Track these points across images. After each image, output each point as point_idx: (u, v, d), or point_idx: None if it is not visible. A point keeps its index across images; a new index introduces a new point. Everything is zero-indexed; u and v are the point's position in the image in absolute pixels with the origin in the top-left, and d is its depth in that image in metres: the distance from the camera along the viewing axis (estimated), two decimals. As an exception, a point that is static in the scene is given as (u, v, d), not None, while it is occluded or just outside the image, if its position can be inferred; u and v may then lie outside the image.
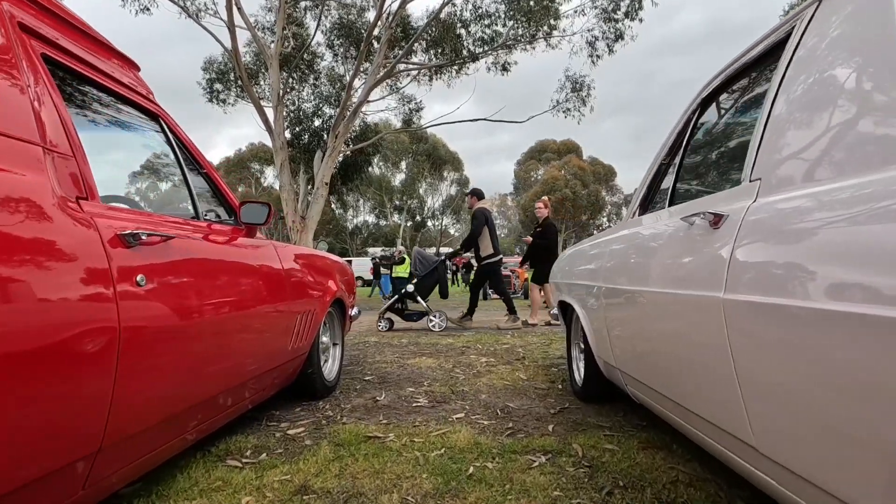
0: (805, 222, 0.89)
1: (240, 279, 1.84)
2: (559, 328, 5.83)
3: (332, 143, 15.65)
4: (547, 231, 6.68)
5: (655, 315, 1.56)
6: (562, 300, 3.01)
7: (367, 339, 5.22)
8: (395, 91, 20.50)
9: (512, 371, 3.48)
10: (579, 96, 17.35)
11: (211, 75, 20.04)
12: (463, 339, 5.08)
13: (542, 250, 6.62)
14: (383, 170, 57.10)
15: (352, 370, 3.61)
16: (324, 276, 2.83)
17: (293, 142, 18.12)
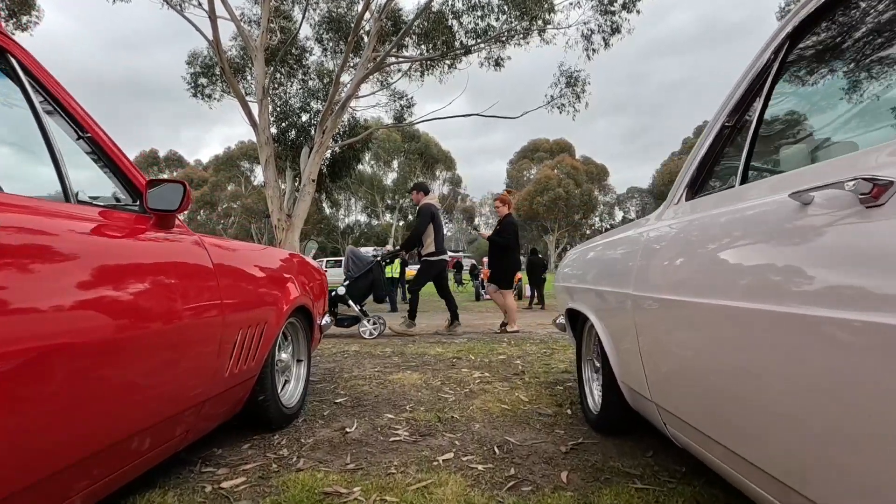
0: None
1: (143, 284, 1.31)
2: (539, 334, 5.32)
3: (319, 138, 15.07)
4: (505, 229, 6.14)
5: (731, 341, 1.06)
6: (571, 308, 2.51)
7: (346, 348, 4.68)
8: (386, 87, 19.95)
9: (510, 390, 2.97)
10: (574, 91, 16.89)
11: (195, 69, 19.38)
12: (454, 348, 4.56)
13: (499, 250, 6.13)
14: (375, 168, 56.57)
15: (322, 389, 3.08)
16: (279, 278, 2.30)
17: (279, 137, 17.51)
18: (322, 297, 2.98)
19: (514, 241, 6.11)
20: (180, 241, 1.57)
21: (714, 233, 1.21)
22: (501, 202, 6.33)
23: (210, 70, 18.98)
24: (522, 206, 55.86)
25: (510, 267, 6.15)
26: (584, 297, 2.27)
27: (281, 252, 2.56)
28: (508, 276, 6.16)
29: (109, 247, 1.24)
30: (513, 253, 6.15)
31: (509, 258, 6.12)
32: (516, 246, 6.20)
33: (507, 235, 6.07)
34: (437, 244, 5.77)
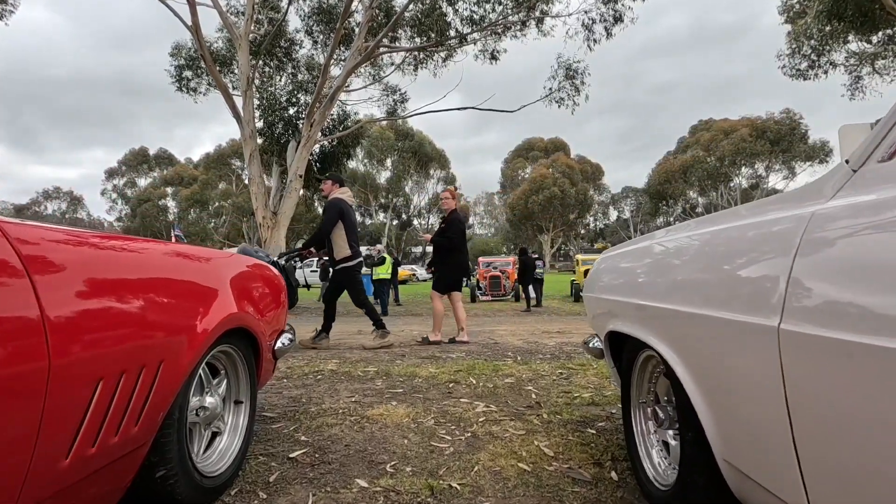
0: None
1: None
2: (548, 346, 4.58)
3: (306, 132, 14.28)
4: (450, 227, 5.34)
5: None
6: (617, 331, 1.78)
7: (322, 366, 3.94)
8: (378, 81, 19.21)
9: (527, 435, 2.24)
10: (573, 84, 16.21)
11: (179, 61, 18.57)
12: (450, 366, 3.83)
13: (443, 251, 5.37)
14: (368, 167, 55.80)
15: (277, 433, 2.34)
16: (194, 290, 1.56)
17: (265, 131, 16.70)
18: (278, 313, 2.24)
19: (459, 240, 5.33)
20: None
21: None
22: (451, 195, 5.54)
23: (195, 62, 18.16)
24: (518, 205, 55.25)
25: (455, 270, 5.40)
26: (644, 320, 1.55)
27: (207, 252, 1.81)
28: (453, 279, 5.42)
29: None
30: (458, 254, 5.35)
31: (454, 260, 5.35)
32: (462, 246, 5.42)
33: (451, 235, 5.28)
34: (351, 246, 4.95)
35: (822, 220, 0.88)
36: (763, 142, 42.83)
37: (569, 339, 5.65)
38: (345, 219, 4.92)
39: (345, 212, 4.94)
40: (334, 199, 4.98)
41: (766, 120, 44.48)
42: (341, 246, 4.91)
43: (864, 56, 20.42)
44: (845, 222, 0.83)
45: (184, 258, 1.65)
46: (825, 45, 19.83)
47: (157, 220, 62.34)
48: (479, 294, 15.74)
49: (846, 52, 20.86)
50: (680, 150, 52.33)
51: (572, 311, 12.02)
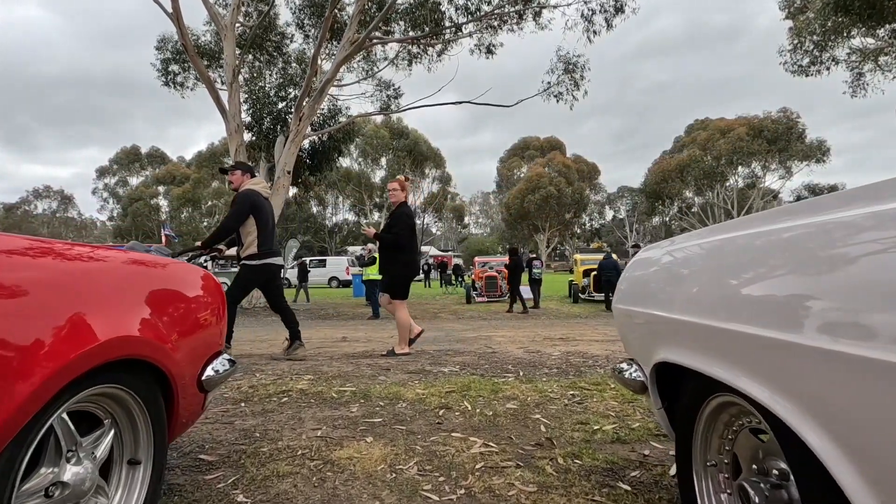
0: None
1: None
2: (552, 356, 4.03)
3: (295, 125, 13.68)
4: (396, 222, 4.69)
5: None
6: (670, 361, 1.24)
7: (292, 384, 3.37)
8: (372, 76, 18.64)
9: (540, 494, 1.68)
10: (572, 78, 15.69)
11: (165, 55, 17.93)
12: (441, 385, 3.27)
13: (390, 249, 4.70)
14: (363, 166, 55.17)
15: (208, 491, 1.76)
16: (39, 302, 1.00)
17: (253, 126, 16.09)
18: (209, 331, 1.68)
19: (407, 236, 4.67)
20: None
21: None
22: (400, 186, 4.85)
23: (181, 56, 17.53)
24: (514, 204, 54.74)
25: (404, 270, 4.73)
26: (727, 351, 1.00)
27: (88, 250, 1.25)
28: (402, 281, 4.77)
29: None
30: (406, 252, 4.69)
31: (402, 259, 4.69)
32: (411, 243, 4.75)
33: (398, 230, 4.64)
34: (263, 243, 4.33)
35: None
36: (760, 141, 42.51)
37: (574, 347, 5.11)
38: (257, 213, 4.28)
39: (257, 206, 4.30)
40: (245, 192, 4.33)
41: (763, 119, 44.17)
42: (249, 242, 4.28)
43: (866, 52, 20.03)
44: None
45: (34, 257, 1.08)
46: (828, 40, 19.41)
47: (150, 220, 61.46)
48: (475, 295, 15.19)
49: (849, 49, 20.47)
50: (676, 150, 51.96)
51: (572, 313, 11.49)
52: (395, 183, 4.88)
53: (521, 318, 10.00)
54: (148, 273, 1.45)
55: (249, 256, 4.29)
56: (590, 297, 14.51)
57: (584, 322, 8.91)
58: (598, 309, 12.30)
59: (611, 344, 5.34)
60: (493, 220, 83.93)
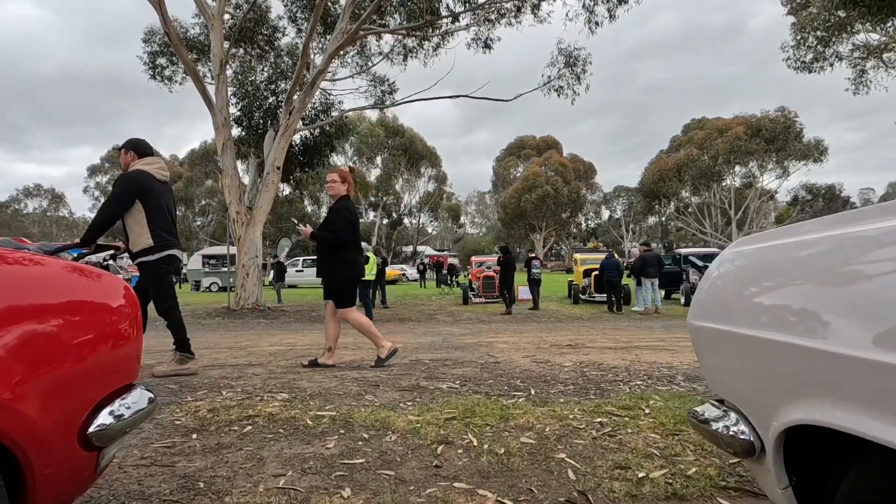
0: None
1: None
2: (564, 368, 3.50)
3: (285, 119, 13.11)
4: (334, 217, 4.09)
5: None
6: (823, 425, 0.73)
7: (262, 405, 2.84)
8: (366, 71, 18.10)
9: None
10: (573, 72, 15.19)
11: (153, 47, 17.32)
12: (439, 407, 2.74)
13: (329, 250, 4.08)
14: (357, 164, 54.55)
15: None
16: None
17: (242, 120, 15.50)
18: (100, 363, 1.15)
19: (348, 233, 4.04)
20: None
21: None
22: (340, 178, 4.23)
23: (169, 48, 16.91)
24: (510, 203, 54.27)
25: (347, 272, 4.08)
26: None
27: None
28: (347, 284, 4.13)
29: None
30: (349, 251, 4.07)
31: (344, 259, 4.06)
32: (354, 241, 4.13)
33: (337, 227, 4.03)
34: (156, 234, 3.64)
35: None
36: (758, 140, 42.22)
37: (586, 356, 4.59)
38: (146, 198, 3.58)
39: (145, 189, 3.59)
40: (130, 173, 3.67)
41: (761, 118, 43.89)
42: (138, 233, 3.60)
43: (871, 49, 19.64)
44: None
45: None
46: (832, 35, 19.01)
47: (141, 219, 60.50)
48: (472, 296, 14.67)
49: (852, 46, 20.10)
50: (673, 149, 51.62)
51: (573, 314, 10.99)
52: (334, 174, 4.25)
53: (522, 322, 9.48)
54: (16, 282, 0.92)
55: (144, 251, 3.61)
56: (591, 298, 14.03)
57: (590, 325, 8.40)
58: (600, 310, 11.82)
59: (625, 352, 4.83)
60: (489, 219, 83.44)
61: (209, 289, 25.25)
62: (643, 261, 11.62)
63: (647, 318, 9.96)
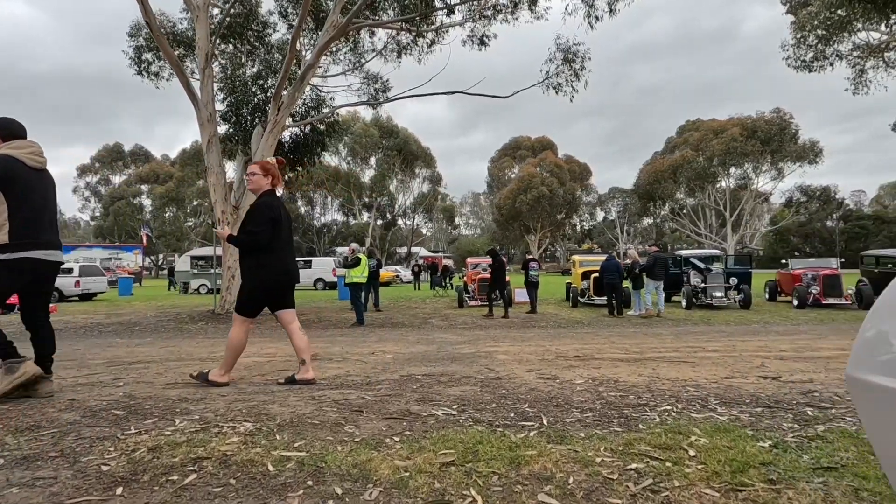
0: None
1: None
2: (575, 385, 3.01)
3: (273, 115, 12.57)
4: (250, 217, 3.54)
5: None
6: None
7: (215, 440, 2.34)
8: (358, 68, 17.61)
9: None
10: (572, 68, 14.75)
11: (138, 42, 16.73)
12: (434, 444, 2.24)
13: (247, 254, 3.55)
14: (352, 165, 53.97)
15: None
16: None
17: (229, 116, 14.94)
18: None
19: (267, 234, 3.44)
20: None
21: None
22: (262, 170, 3.63)
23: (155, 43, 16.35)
24: (505, 204, 53.84)
25: (264, 277, 3.52)
26: None
27: None
28: (257, 290, 3.54)
29: None
30: (270, 255, 3.48)
31: (259, 264, 3.49)
32: (277, 243, 3.52)
33: (254, 227, 3.47)
34: (16, 231, 3.01)
35: None
36: (754, 141, 42.06)
37: (597, 370, 4.12)
38: (9, 187, 3.00)
39: (8, 177, 3.02)
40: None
41: (757, 119, 43.75)
42: (1, 227, 3.00)
43: (872, 48, 19.35)
44: None
45: None
46: (833, 33, 18.70)
47: (132, 219, 59.62)
48: (468, 299, 14.18)
49: (852, 45, 19.82)
50: (668, 150, 51.46)
51: (573, 319, 10.54)
52: (255, 166, 3.66)
53: (521, 328, 9.00)
54: None
55: (3, 247, 2.98)
56: (590, 300, 13.59)
57: (594, 332, 7.94)
58: (600, 314, 11.37)
59: (640, 365, 4.36)
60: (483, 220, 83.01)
61: (198, 291, 24.60)
62: (655, 261, 11.19)
63: (653, 324, 9.51)
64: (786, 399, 2.92)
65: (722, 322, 9.57)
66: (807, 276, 13.20)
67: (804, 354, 4.87)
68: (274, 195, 3.66)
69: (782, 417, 2.52)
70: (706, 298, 12.59)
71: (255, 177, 3.64)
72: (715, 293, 12.61)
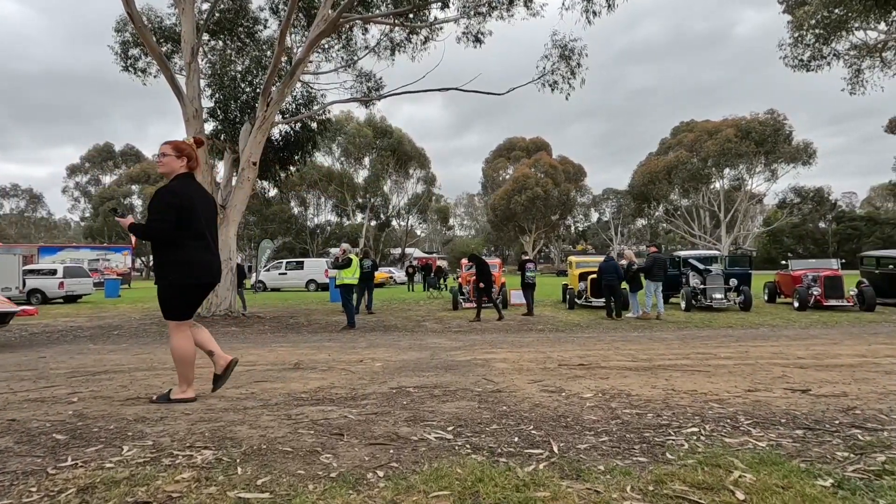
0: None
1: None
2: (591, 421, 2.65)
3: (262, 111, 12.15)
4: (153, 205, 3.06)
5: None
6: None
7: (161, 481, 1.96)
8: (351, 65, 17.21)
9: None
10: (568, 65, 14.44)
11: (125, 37, 16.25)
12: (421, 489, 1.90)
13: (156, 248, 3.10)
14: (345, 165, 53.48)
15: None
16: None
17: (217, 113, 14.50)
18: None
19: (167, 224, 2.99)
20: None
21: None
22: (175, 150, 3.16)
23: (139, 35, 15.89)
24: (500, 205, 53.52)
25: (178, 275, 3.06)
26: None
27: None
28: (175, 291, 3.08)
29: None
30: (182, 250, 3.04)
31: (173, 260, 3.05)
32: (192, 237, 3.06)
33: (156, 216, 3.00)
34: None
35: None
36: (748, 142, 41.99)
37: (606, 381, 3.76)
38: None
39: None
40: None
41: (751, 120, 43.70)
42: None
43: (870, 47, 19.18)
44: None
45: None
46: (831, 32, 18.51)
47: (122, 220, 58.71)
48: (463, 300, 13.82)
49: (849, 44, 19.65)
50: (662, 151, 51.34)
51: (571, 321, 10.19)
52: (165, 146, 3.17)
53: (519, 332, 8.65)
54: None
55: None
56: (587, 302, 13.26)
57: (595, 337, 7.59)
58: (599, 316, 11.04)
59: (651, 375, 4.01)
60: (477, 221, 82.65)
61: (187, 292, 24.04)
62: (654, 261, 10.87)
63: (656, 328, 9.18)
64: (826, 418, 2.58)
65: (724, 325, 9.26)
66: (807, 277, 12.95)
67: (824, 362, 4.54)
68: (187, 179, 3.18)
69: (831, 443, 2.17)
70: (706, 300, 12.30)
71: (166, 158, 3.15)
72: (715, 295, 12.32)
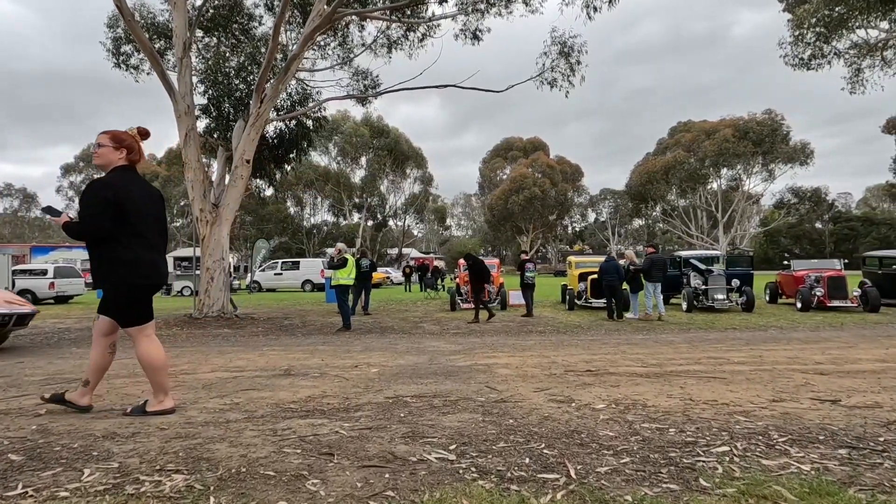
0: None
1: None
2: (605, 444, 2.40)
3: (255, 108, 11.86)
4: (83, 199, 2.82)
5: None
6: None
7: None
8: (347, 62, 16.95)
9: None
10: (568, 62, 14.21)
11: (117, 33, 15.94)
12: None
13: (91, 247, 2.84)
14: (342, 165, 53.15)
15: None
16: None
17: (210, 110, 14.21)
18: None
19: (101, 220, 2.74)
20: None
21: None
22: (114, 141, 2.88)
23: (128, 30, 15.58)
24: (497, 205, 53.33)
25: (122, 278, 2.81)
26: None
27: None
28: (124, 294, 2.82)
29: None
30: (124, 249, 2.79)
31: (115, 259, 2.80)
32: (131, 235, 2.81)
33: (88, 212, 2.76)
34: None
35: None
36: (746, 142, 41.91)
37: (617, 390, 3.52)
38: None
39: None
40: None
41: (748, 120, 43.63)
42: None
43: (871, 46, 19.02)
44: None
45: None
46: (831, 30, 18.34)
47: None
48: (461, 301, 13.56)
49: (850, 42, 19.50)
50: (659, 152, 51.23)
51: (571, 323, 9.96)
52: (103, 136, 2.89)
53: (519, 334, 8.40)
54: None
55: None
56: (587, 303, 13.03)
57: (599, 339, 7.35)
58: (599, 317, 10.81)
59: (664, 382, 3.77)
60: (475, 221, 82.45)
61: (181, 293, 23.72)
62: (652, 262, 10.64)
63: (661, 329, 8.95)
64: (867, 435, 2.34)
65: (728, 326, 9.04)
66: (810, 277, 12.76)
67: (845, 368, 4.31)
68: (126, 172, 2.90)
69: (883, 467, 1.93)
70: (707, 301, 12.10)
71: (103, 149, 2.87)
72: (716, 295, 12.12)
